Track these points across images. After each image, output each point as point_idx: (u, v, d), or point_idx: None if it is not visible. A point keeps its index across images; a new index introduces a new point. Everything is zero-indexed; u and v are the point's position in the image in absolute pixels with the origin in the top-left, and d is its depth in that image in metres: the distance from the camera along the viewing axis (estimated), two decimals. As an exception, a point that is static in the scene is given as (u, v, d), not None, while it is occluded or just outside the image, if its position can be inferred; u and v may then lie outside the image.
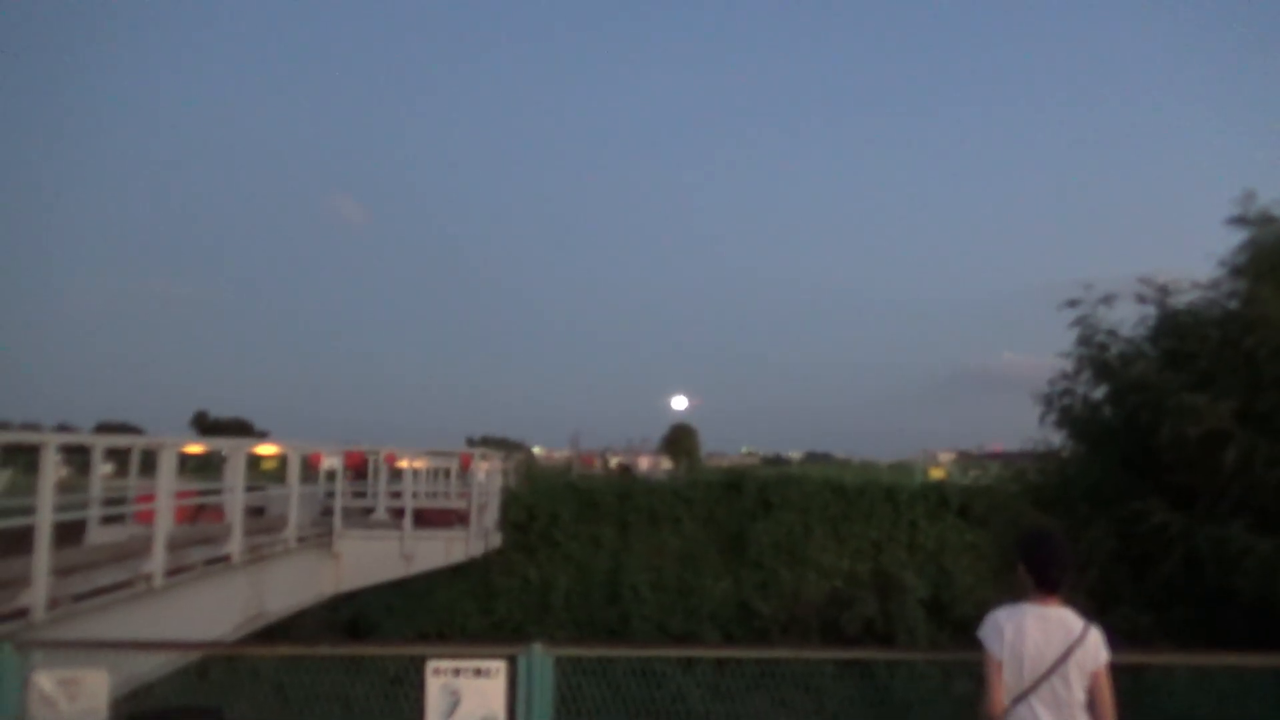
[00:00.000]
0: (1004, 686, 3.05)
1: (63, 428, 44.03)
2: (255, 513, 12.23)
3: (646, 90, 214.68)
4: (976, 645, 3.19)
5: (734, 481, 23.24)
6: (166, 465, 7.42)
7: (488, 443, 38.49)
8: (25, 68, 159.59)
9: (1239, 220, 7.31)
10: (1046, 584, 3.09)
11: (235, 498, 9.08)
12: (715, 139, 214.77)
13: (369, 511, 14.04)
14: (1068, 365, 7.93)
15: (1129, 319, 7.75)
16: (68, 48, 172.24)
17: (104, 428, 51.31)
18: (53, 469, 5.87)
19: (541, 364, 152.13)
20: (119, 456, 17.52)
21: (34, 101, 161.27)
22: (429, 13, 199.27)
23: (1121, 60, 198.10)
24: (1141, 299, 7.58)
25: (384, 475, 14.09)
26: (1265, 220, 7.21)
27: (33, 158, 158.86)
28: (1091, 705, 3.05)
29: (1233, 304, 7.07)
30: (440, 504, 15.68)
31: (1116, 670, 3.14)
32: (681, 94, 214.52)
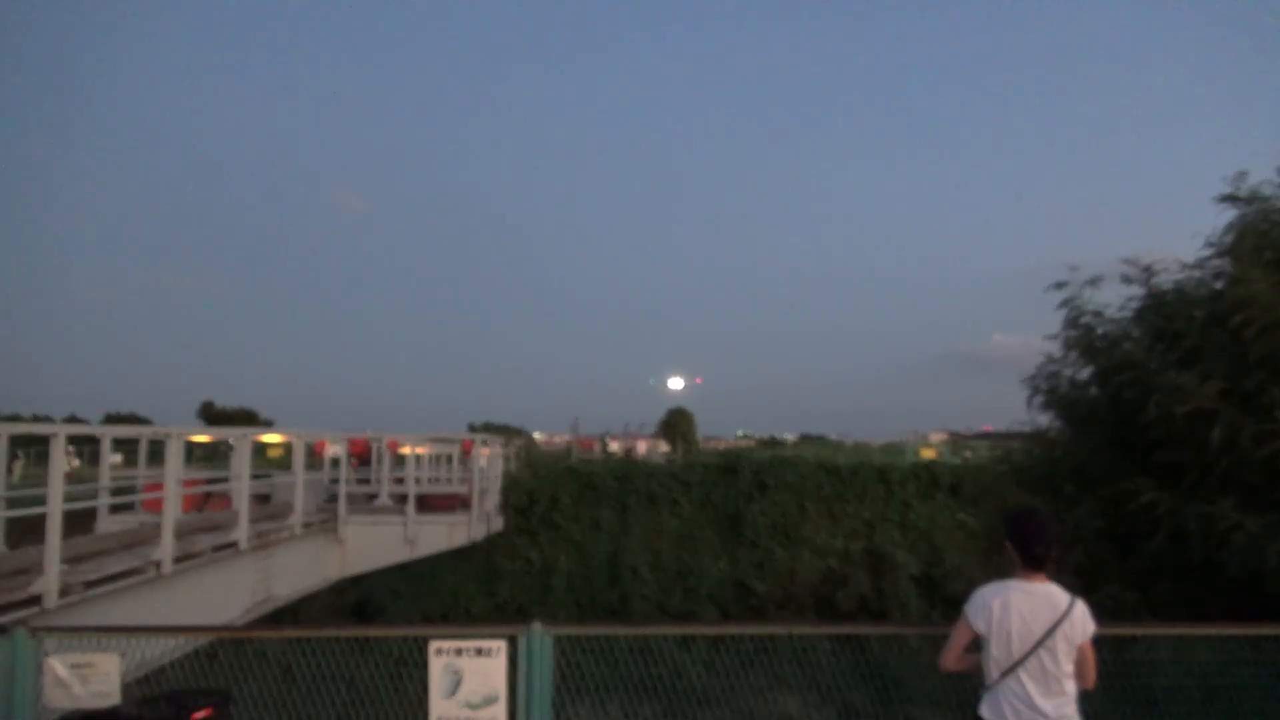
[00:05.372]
0: (992, 660, 3.12)
1: (72, 419, 44.16)
2: (261, 500, 12.37)
3: (639, 77, 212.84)
4: None
5: (730, 464, 23.36)
6: (174, 454, 7.50)
7: (489, 429, 38.62)
8: (34, 63, 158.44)
9: (1229, 198, 7.32)
10: (1032, 560, 3.12)
11: (242, 485, 9.17)
12: (707, 124, 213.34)
13: (373, 497, 14.18)
14: (1055, 349, 8.01)
15: (1116, 301, 7.80)
16: (76, 44, 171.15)
17: (112, 419, 51.44)
18: (63, 460, 5.96)
19: (541, 351, 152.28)
20: (127, 446, 17.66)
21: (41, 97, 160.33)
22: (428, 8, 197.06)
23: (1112, 45, 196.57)
24: (1127, 280, 7.61)
25: (387, 461, 14.18)
26: (1254, 199, 7.23)
27: (40, 153, 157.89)
28: (1076, 670, 3.11)
29: (1219, 283, 7.10)
30: (443, 489, 15.83)
31: (1102, 644, 3.20)
32: (674, 81, 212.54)
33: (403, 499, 12.78)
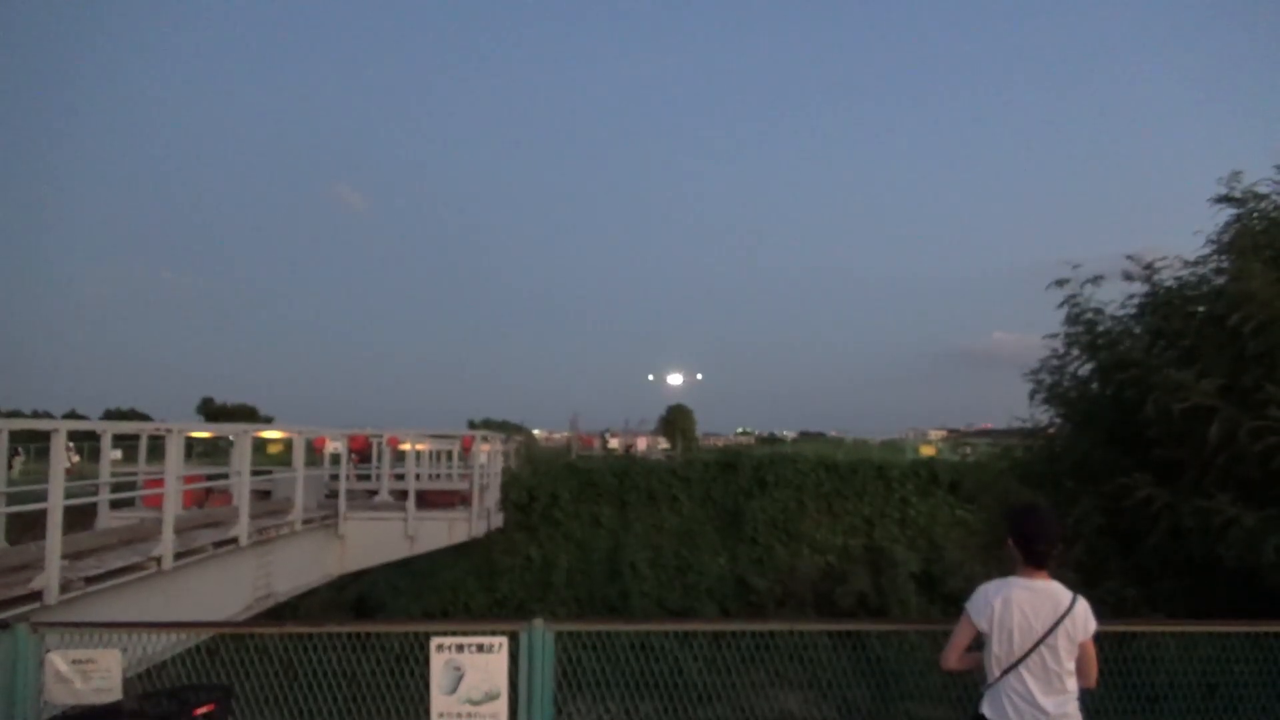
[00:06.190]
0: (994, 658, 3.11)
1: (72, 416, 44.12)
2: (262, 496, 12.40)
3: (642, 75, 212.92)
4: None
5: (730, 461, 23.44)
6: (174, 450, 7.51)
7: (488, 425, 38.58)
8: (33, 60, 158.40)
9: (1225, 199, 7.35)
10: (1034, 558, 3.10)
11: (242, 481, 9.20)
12: (711, 123, 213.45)
13: (373, 494, 14.20)
14: (1057, 345, 8.01)
15: (1116, 298, 7.81)
16: (75, 41, 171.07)
17: (112, 415, 51.41)
18: (63, 456, 5.96)
19: (541, 347, 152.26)
20: (127, 443, 17.67)
21: (41, 93, 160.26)
22: (427, 3, 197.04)
23: (1111, 40, 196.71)
24: (1128, 277, 7.63)
25: (387, 458, 14.19)
26: (1251, 197, 7.25)
27: (39, 150, 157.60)
28: (1078, 668, 3.10)
29: (1219, 281, 7.11)
30: (443, 485, 15.87)
31: (1104, 640, 3.18)
32: (675, 79, 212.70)
33: (403, 495, 12.79)
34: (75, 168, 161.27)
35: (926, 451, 29.78)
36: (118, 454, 14.65)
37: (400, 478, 14.07)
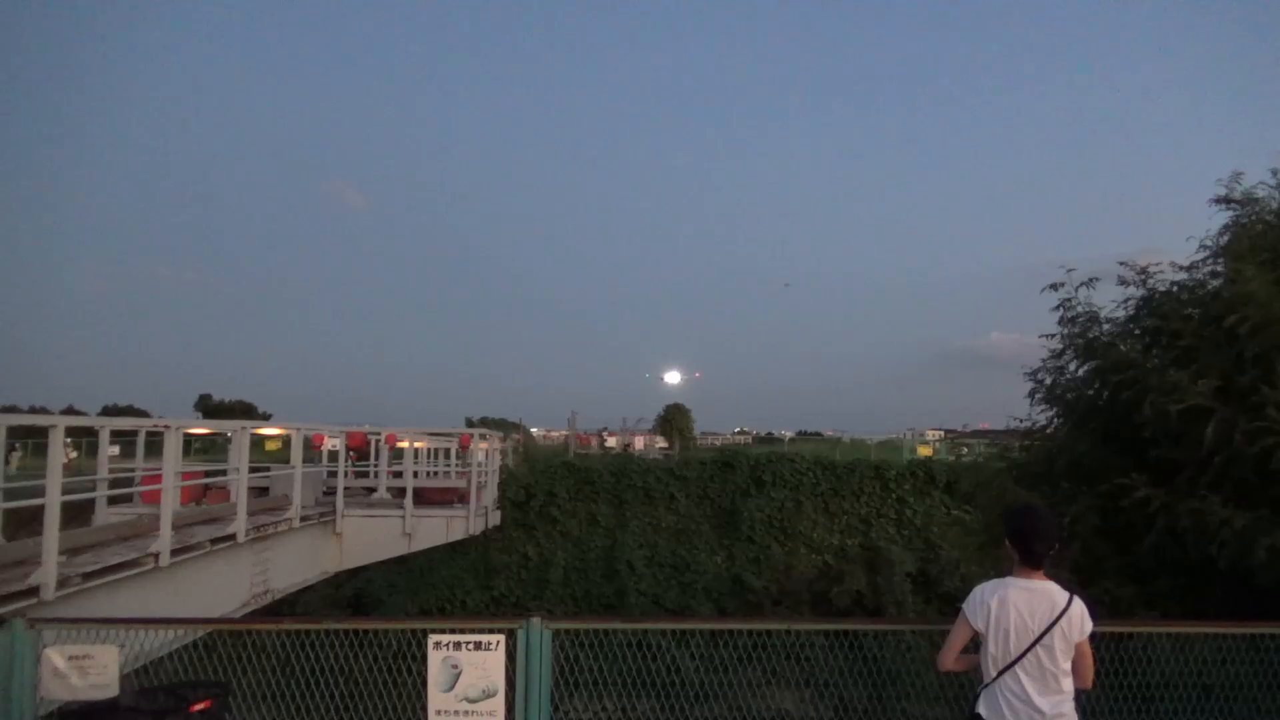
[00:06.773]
0: (990, 658, 3.12)
1: (70, 411, 44.10)
2: (259, 492, 12.37)
3: (642, 75, 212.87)
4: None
5: (727, 460, 23.47)
6: (172, 446, 7.51)
7: (486, 423, 38.53)
8: (31, 55, 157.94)
9: (1223, 200, 7.39)
10: (1031, 558, 3.11)
11: (240, 478, 9.19)
12: (710, 123, 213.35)
13: (371, 491, 14.18)
14: (1054, 344, 8.04)
15: (1114, 300, 7.83)
16: (73, 35, 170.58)
17: (110, 411, 51.43)
18: (61, 451, 5.96)
19: (539, 345, 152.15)
20: (125, 439, 17.67)
21: (39, 89, 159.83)
22: (427, 2, 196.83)
23: (1109, 42, 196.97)
24: (1124, 281, 7.66)
25: (385, 455, 14.18)
26: (1248, 200, 7.29)
27: (38, 146, 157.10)
28: (1074, 670, 3.11)
29: (1215, 284, 7.15)
30: (440, 483, 15.82)
31: (1100, 640, 3.20)
32: (677, 79, 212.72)
33: (400, 493, 12.79)
34: (73, 164, 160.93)
35: (923, 451, 29.83)
36: (115, 450, 14.63)
37: (398, 475, 14.07)
